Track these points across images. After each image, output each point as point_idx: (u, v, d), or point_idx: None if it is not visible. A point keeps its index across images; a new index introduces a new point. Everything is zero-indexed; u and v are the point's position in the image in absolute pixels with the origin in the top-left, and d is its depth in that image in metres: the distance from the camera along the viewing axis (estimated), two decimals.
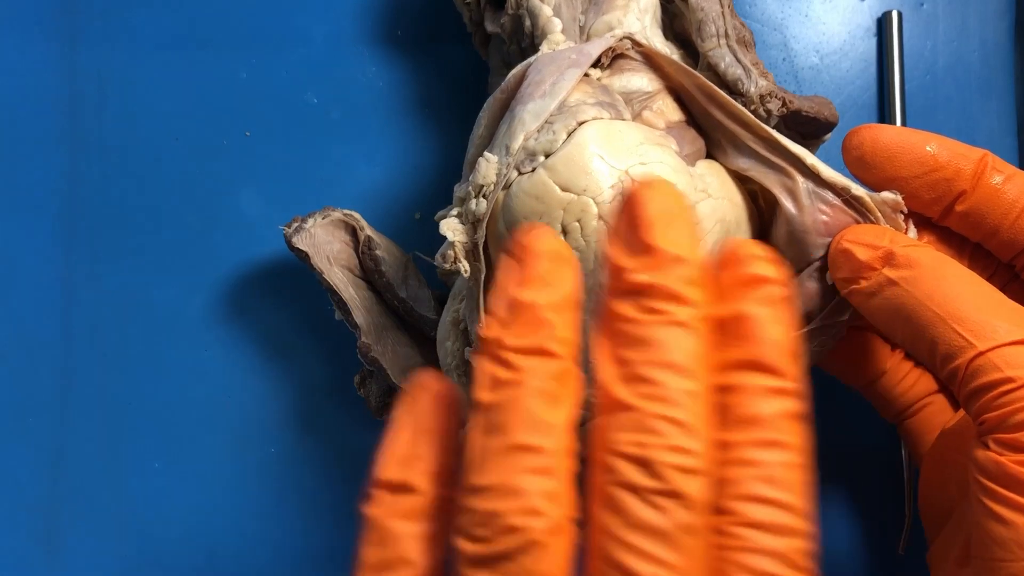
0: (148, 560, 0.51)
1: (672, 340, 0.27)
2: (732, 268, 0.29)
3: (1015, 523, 0.31)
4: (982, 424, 0.33)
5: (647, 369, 0.27)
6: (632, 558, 0.26)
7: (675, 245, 0.27)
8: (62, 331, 0.52)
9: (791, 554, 0.27)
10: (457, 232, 0.39)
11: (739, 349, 0.28)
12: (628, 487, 0.26)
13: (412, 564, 0.29)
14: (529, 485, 0.26)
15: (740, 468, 0.27)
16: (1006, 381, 0.32)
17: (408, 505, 0.29)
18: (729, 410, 0.28)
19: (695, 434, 0.26)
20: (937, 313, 0.34)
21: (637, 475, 0.26)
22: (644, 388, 0.26)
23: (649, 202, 0.28)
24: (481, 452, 0.27)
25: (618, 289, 0.28)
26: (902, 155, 0.39)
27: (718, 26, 0.43)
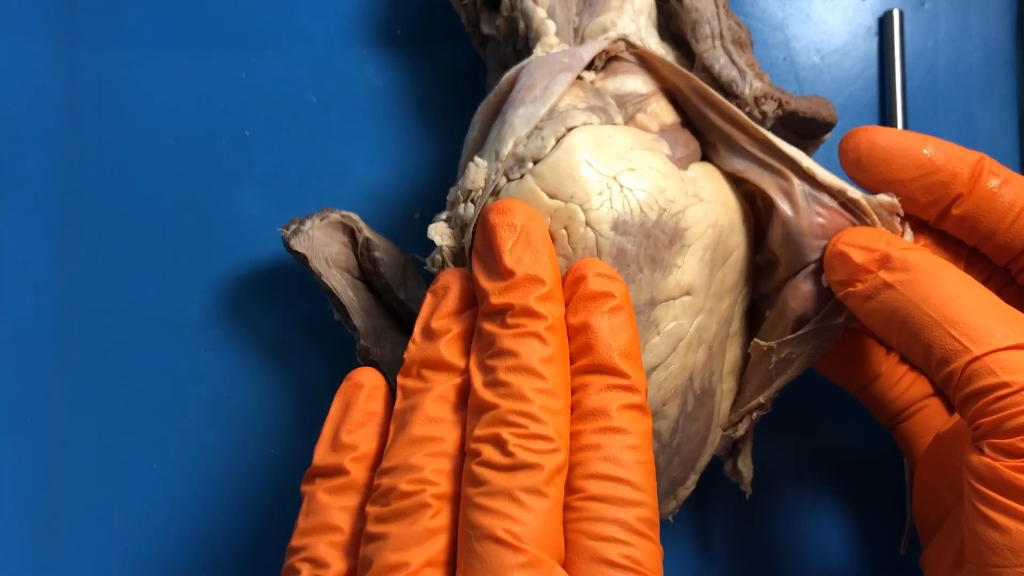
0: (147, 560, 0.52)
1: (526, 349, 0.33)
2: (578, 285, 0.35)
3: (1009, 529, 0.31)
4: (977, 429, 0.33)
5: (506, 374, 0.33)
6: (483, 515, 0.31)
7: (529, 266, 0.34)
8: (61, 331, 0.52)
9: (632, 522, 0.32)
10: (445, 236, 0.39)
11: (585, 355, 0.34)
12: (486, 464, 0.32)
13: (338, 530, 0.34)
14: (423, 464, 0.33)
15: (586, 452, 0.33)
16: (1002, 386, 0.32)
17: (337, 483, 0.35)
18: (579, 405, 0.34)
19: (543, 422, 0.32)
20: (933, 317, 0.34)
21: (493, 454, 0.32)
22: (503, 389, 0.33)
23: (501, 228, 0.35)
24: (391, 444, 0.34)
25: (485, 311, 0.34)
26: (899, 158, 0.39)
27: (713, 27, 0.42)
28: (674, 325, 0.38)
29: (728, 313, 0.41)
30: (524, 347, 0.33)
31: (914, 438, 0.44)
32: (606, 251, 0.36)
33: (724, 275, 0.40)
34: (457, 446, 0.34)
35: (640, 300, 0.37)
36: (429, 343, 0.35)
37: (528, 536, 0.30)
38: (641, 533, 0.32)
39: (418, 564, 0.31)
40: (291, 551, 0.35)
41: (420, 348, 0.36)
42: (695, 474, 0.43)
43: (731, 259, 0.40)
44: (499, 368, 0.33)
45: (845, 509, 0.51)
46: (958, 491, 0.36)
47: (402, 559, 0.31)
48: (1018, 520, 0.31)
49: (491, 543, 0.30)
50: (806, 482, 0.51)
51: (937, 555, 0.38)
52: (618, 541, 0.31)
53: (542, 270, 0.34)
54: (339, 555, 0.34)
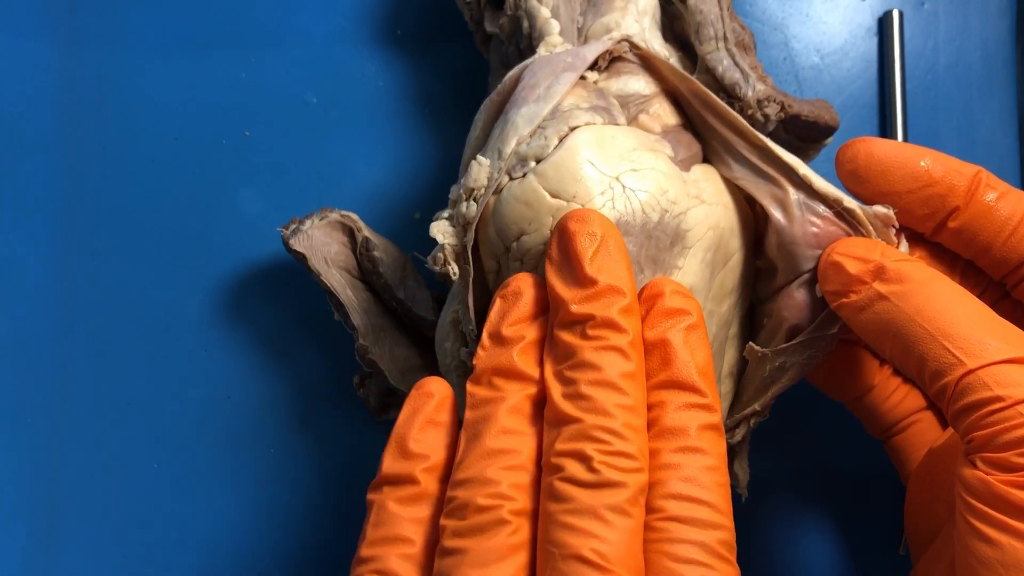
0: (147, 560, 0.52)
1: (608, 363, 0.33)
2: (654, 300, 0.35)
3: (1000, 543, 0.31)
4: (970, 443, 0.32)
5: (588, 388, 0.32)
6: (568, 534, 0.30)
7: (610, 276, 0.34)
8: (61, 331, 0.52)
9: (713, 544, 0.31)
10: (447, 235, 0.39)
11: (663, 371, 0.34)
12: (570, 480, 0.31)
13: (409, 542, 0.34)
14: (500, 477, 0.32)
15: (665, 471, 0.32)
16: (995, 400, 0.32)
17: (408, 493, 0.35)
18: (656, 423, 0.33)
19: (627, 439, 0.32)
20: (927, 329, 0.34)
21: (578, 470, 0.31)
22: (585, 403, 0.32)
23: (581, 236, 0.34)
24: (463, 455, 0.33)
25: (562, 320, 0.34)
26: (896, 169, 0.39)
27: (716, 29, 0.42)
28: None
29: (727, 316, 0.41)
30: (606, 361, 0.33)
31: (906, 452, 0.44)
32: None
33: (724, 277, 0.40)
34: (532, 459, 0.33)
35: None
36: (501, 350, 0.35)
37: (614, 556, 0.30)
38: (722, 556, 0.32)
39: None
40: (359, 561, 0.34)
41: (491, 355, 0.35)
42: None
43: (731, 262, 0.40)
44: (580, 381, 0.32)
45: (841, 514, 0.51)
46: (951, 505, 0.36)
47: (482, 575, 0.31)
48: (1010, 535, 0.31)
49: (577, 563, 0.30)
50: (802, 486, 0.51)
51: (928, 570, 0.38)
52: (700, 564, 0.31)
53: (622, 281, 0.34)
54: (411, 568, 0.33)
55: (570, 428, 0.32)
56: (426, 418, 0.36)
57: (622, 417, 0.32)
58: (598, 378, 0.32)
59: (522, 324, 0.35)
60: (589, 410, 0.32)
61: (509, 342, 0.35)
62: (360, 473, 0.52)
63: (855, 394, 0.44)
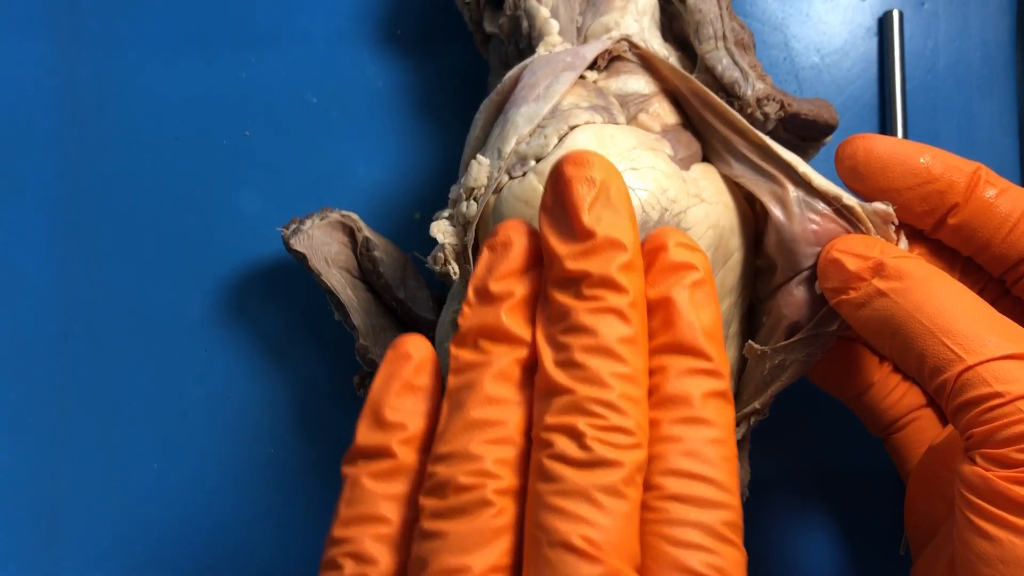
0: (148, 560, 0.52)
1: (605, 327, 0.29)
2: (657, 255, 0.31)
3: (1000, 539, 0.31)
4: (969, 439, 0.32)
5: (582, 355, 0.29)
6: (556, 517, 0.28)
7: (610, 227, 0.30)
8: (61, 331, 0.52)
9: (716, 526, 0.29)
10: (447, 234, 0.39)
11: (665, 333, 0.31)
12: (560, 458, 0.28)
13: (385, 521, 0.31)
14: (484, 452, 0.29)
15: (665, 444, 0.30)
16: (994, 396, 0.31)
17: (384, 467, 0.31)
18: (657, 390, 0.30)
19: (624, 412, 0.29)
20: (926, 325, 0.34)
21: (568, 446, 0.28)
22: (579, 372, 0.29)
23: (579, 182, 0.30)
24: (445, 426, 0.30)
25: (556, 276, 0.30)
26: (896, 166, 0.38)
27: (716, 28, 0.42)
28: None
29: (727, 315, 0.41)
30: (603, 324, 0.29)
31: (906, 449, 0.44)
32: None
33: (724, 277, 0.40)
34: (520, 431, 0.30)
35: None
36: (488, 308, 0.31)
37: (606, 543, 0.27)
38: (725, 538, 0.29)
39: (480, 569, 0.28)
40: (332, 542, 0.31)
41: (477, 314, 0.31)
42: None
43: (731, 261, 0.40)
44: (574, 346, 0.29)
45: (841, 513, 0.51)
46: (951, 502, 0.36)
47: (462, 563, 0.28)
48: (1010, 531, 0.31)
49: (564, 551, 0.27)
50: (802, 485, 0.51)
51: (928, 567, 0.38)
52: (701, 548, 0.28)
53: (623, 233, 0.30)
54: (386, 550, 0.30)
55: (561, 400, 0.29)
56: (403, 382, 0.32)
57: (619, 388, 0.29)
58: (593, 344, 0.29)
59: (512, 278, 0.31)
60: (582, 380, 0.29)
61: (496, 299, 0.31)
62: None
63: (855, 391, 0.44)
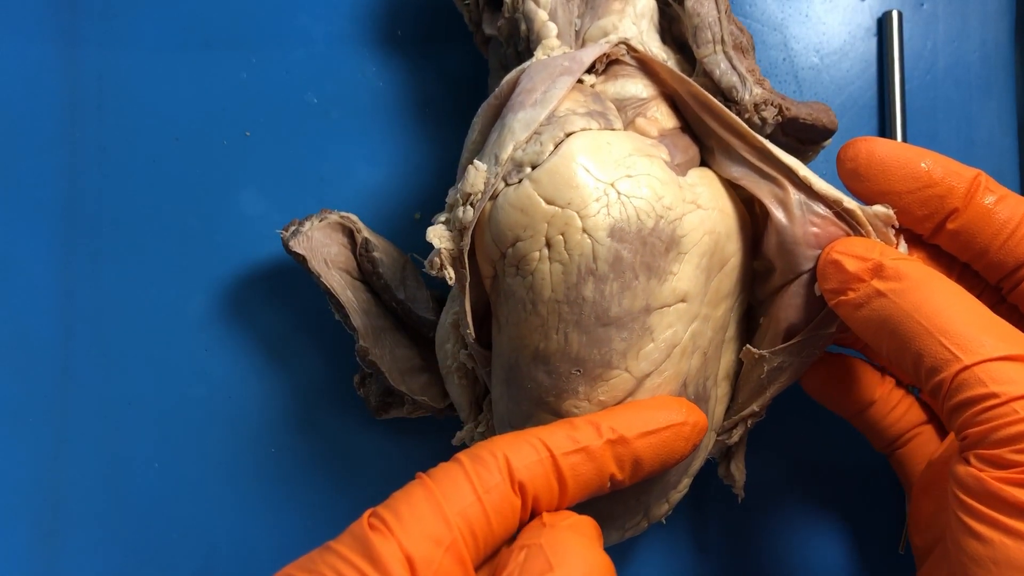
0: (148, 560, 0.52)
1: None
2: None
3: (992, 541, 0.31)
4: (964, 439, 0.33)
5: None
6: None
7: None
8: (62, 331, 0.53)
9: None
10: (443, 239, 0.39)
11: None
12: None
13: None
14: None
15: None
16: (990, 396, 0.32)
17: None
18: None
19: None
20: (924, 326, 0.34)
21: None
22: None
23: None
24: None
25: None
26: (897, 169, 0.39)
27: (714, 32, 0.42)
28: (669, 332, 0.38)
29: (724, 319, 0.41)
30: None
31: (910, 465, 0.44)
32: (602, 258, 0.36)
33: (720, 282, 0.40)
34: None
35: (635, 307, 0.37)
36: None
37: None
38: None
39: None
40: None
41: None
42: (688, 477, 0.43)
43: (727, 266, 0.40)
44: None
45: (838, 512, 0.51)
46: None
47: None
48: (1002, 532, 0.31)
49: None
50: (799, 486, 0.51)
51: (940, 559, 0.38)
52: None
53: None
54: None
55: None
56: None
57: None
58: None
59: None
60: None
61: None
62: (360, 473, 0.52)
63: (857, 408, 0.44)
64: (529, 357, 0.38)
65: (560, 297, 0.37)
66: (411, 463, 0.52)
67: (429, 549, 0.32)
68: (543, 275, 0.37)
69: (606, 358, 0.37)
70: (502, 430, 0.41)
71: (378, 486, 0.52)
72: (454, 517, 0.33)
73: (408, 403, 0.48)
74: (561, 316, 0.37)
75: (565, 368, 0.38)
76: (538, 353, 0.38)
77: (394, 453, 0.52)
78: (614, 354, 0.37)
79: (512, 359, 0.39)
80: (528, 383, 0.39)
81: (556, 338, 0.38)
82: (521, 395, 0.39)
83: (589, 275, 0.37)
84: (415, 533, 0.32)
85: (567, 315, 0.37)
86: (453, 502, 0.33)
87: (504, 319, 0.39)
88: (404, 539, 0.32)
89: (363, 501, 0.52)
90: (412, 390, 0.48)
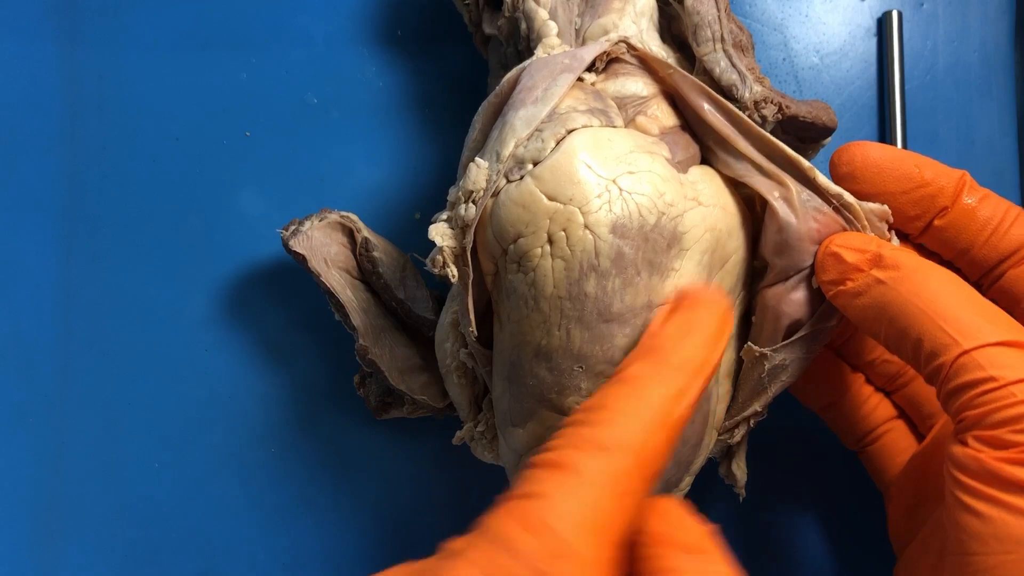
0: (148, 560, 0.52)
1: None
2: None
3: (992, 517, 0.32)
4: (962, 421, 0.34)
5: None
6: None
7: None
8: (62, 331, 0.53)
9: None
10: (446, 237, 0.39)
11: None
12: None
13: None
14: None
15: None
16: (989, 380, 0.33)
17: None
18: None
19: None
20: (924, 311, 0.35)
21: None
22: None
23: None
24: None
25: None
26: (891, 171, 0.40)
27: (714, 30, 0.42)
28: None
29: None
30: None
31: (882, 460, 0.45)
32: (604, 254, 0.36)
33: (722, 279, 0.40)
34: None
35: (637, 303, 0.37)
36: None
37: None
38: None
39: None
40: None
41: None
42: (689, 476, 0.43)
43: (729, 263, 0.40)
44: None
45: (840, 512, 0.51)
46: (936, 505, 0.38)
47: None
48: (1002, 509, 0.32)
49: None
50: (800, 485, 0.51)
51: (913, 562, 0.39)
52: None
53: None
54: None
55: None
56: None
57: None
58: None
59: None
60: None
61: None
62: (360, 473, 0.52)
63: (828, 399, 0.45)
64: (531, 354, 0.38)
65: (562, 293, 0.37)
66: (411, 463, 0.52)
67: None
68: (545, 271, 0.37)
69: (608, 354, 0.37)
70: (503, 428, 0.42)
71: (378, 486, 0.52)
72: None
73: (408, 403, 0.48)
74: (563, 312, 0.37)
75: (567, 364, 0.38)
76: (540, 350, 0.38)
77: (394, 453, 0.52)
78: (616, 350, 0.37)
79: (514, 356, 0.39)
80: (530, 380, 0.39)
81: (558, 334, 0.38)
82: (523, 392, 0.39)
83: (591, 271, 0.37)
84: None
85: (569, 311, 0.37)
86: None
87: (506, 316, 0.39)
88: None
89: (363, 501, 0.52)
90: (412, 389, 0.48)
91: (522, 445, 0.40)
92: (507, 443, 0.41)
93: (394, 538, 0.52)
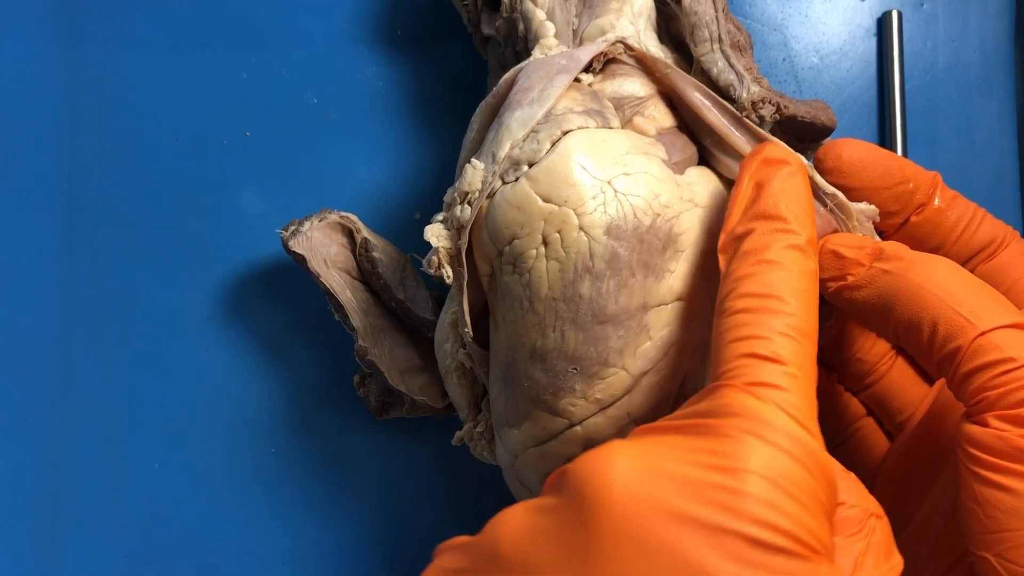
0: (148, 560, 0.52)
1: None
2: (759, 152, 0.36)
3: (1022, 492, 0.33)
4: (980, 402, 0.34)
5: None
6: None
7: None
8: (62, 331, 0.53)
9: (779, 326, 0.32)
10: (441, 238, 0.39)
11: (755, 206, 0.35)
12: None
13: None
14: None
15: (739, 281, 0.34)
16: (1008, 360, 0.33)
17: None
18: (739, 248, 0.35)
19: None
20: (937, 295, 0.35)
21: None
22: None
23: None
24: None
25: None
26: (875, 167, 0.40)
27: (711, 31, 0.42)
28: (667, 331, 0.38)
29: None
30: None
31: (854, 458, 0.45)
32: (599, 255, 0.36)
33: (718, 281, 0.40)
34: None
35: (632, 305, 0.37)
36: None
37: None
38: (787, 335, 0.32)
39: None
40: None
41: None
42: None
43: None
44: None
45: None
46: (920, 496, 0.39)
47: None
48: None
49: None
50: None
51: (909, 550, 0.40)
52: (760, 338, 0.32)
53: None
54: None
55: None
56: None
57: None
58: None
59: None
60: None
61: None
62: (360, 473, 0.52)
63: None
64: (526, 355, 0.38)
65: (557, 295, 0.37)
66: (411, 463, 0.52)
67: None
68: (540, 273, 0.37)
69: (603, 356, 0.37)
70: (499, 429, 0.42)
71: (378, 486, 0.52)
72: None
73: (408, 403, 0.48)
74: (558, 314, 0.37)
75: (562, 366, 0.38)
76: (535, 351, 0.38)
77: (394, 453, 0.52)
78: (611, 352, 0.37)
79: (509, 357, 0.39)
80: (525, 381, 0.39)
81: (553, 336, 0.38)
82: (518, 393, 0.39)
83: (586, 273, 0.37)
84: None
85: (564, 313, 0.37)
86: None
87: (501, 317, 0.39)
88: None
89: (363, 501, 0.52)
90: (411, 390, 0.48)
91: (517, 446, 0.40)
92: (503, 443, 0.41)
93: (394, 538, 0.52)
